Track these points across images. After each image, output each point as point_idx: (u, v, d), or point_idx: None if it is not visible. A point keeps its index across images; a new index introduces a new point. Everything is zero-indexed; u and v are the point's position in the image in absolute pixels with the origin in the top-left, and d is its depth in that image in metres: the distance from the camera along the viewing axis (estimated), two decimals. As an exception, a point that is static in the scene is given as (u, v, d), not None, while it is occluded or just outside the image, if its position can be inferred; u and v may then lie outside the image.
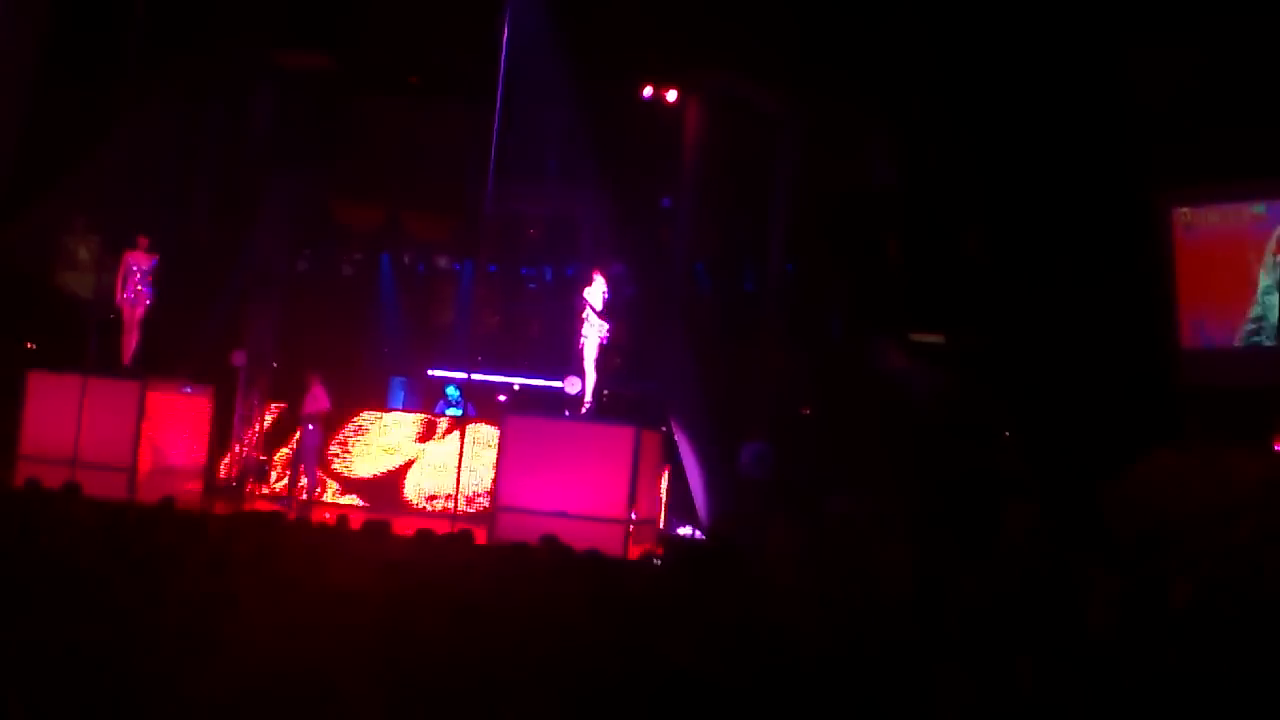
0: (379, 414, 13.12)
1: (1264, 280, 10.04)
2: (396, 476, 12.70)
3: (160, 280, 11.85)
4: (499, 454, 11.08)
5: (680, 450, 12.59)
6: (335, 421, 12.74)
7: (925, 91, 11.14)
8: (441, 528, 7.92)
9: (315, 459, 12.31)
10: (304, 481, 12.42)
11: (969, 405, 11.40)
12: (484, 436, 12.10)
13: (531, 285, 16.27)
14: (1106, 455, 10.06)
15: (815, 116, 12.79)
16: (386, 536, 6.53)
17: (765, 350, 13.47)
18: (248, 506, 10.98)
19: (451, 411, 13.07)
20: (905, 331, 12.29)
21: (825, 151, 12.81)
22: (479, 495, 12.02)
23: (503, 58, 10.71)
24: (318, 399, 12.20)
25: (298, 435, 12.50)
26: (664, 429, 12.35)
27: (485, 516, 10.92)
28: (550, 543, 7.11)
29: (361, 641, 4.39)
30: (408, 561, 6.10)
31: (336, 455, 12.79)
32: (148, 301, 11.77)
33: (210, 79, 14.05)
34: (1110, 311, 10.44)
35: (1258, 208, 10.05)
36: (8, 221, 13.17)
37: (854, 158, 12.72)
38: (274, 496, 12.61)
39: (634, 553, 10.09)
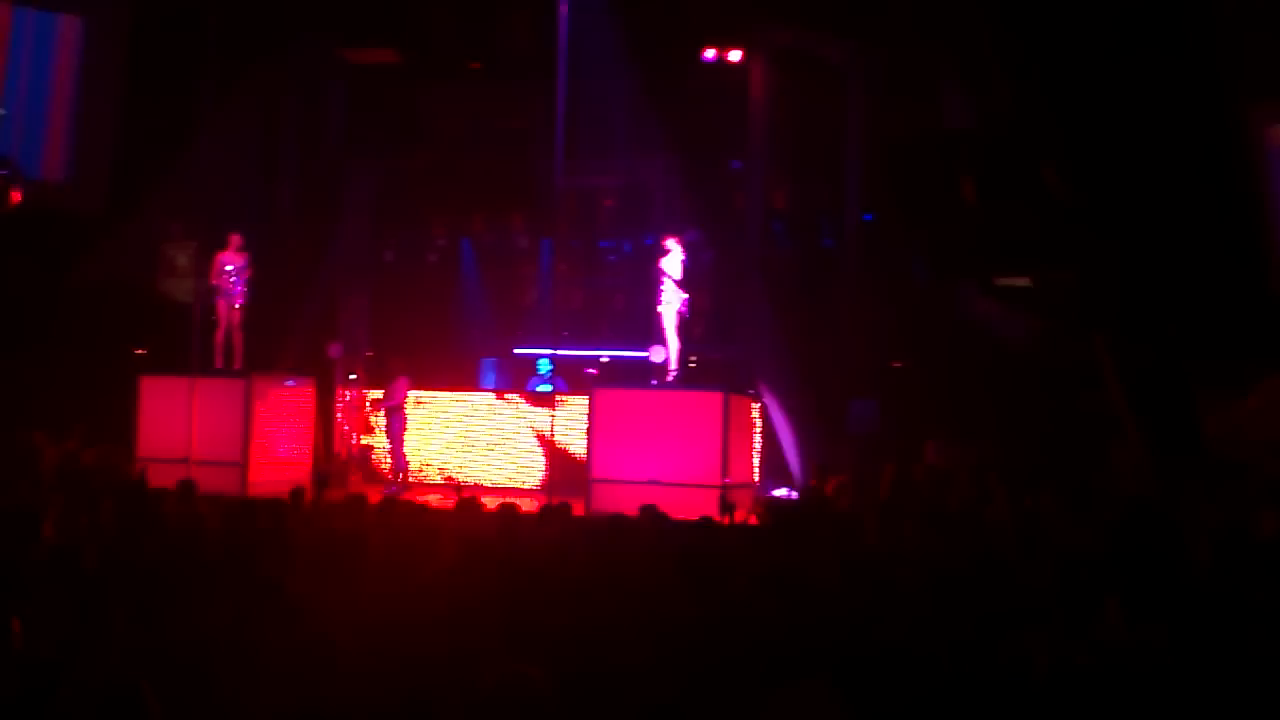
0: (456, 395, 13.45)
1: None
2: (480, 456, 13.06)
3: (254, 277, 12.24)
4: (590, 427, 11.22)
5: (771, 411, 12.58)
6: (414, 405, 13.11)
7: (993, 22, 10.76)
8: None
9: (401, 443, 12.67)
10: (393, 465, 12.84)
11: (1063, 347, 11.11)
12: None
13: (611, 258, 16.34)
14: (1213, 389, 9.73)
15: (881, 62, 12.54)
16: (479, 513, 6.70)
17: (850, 305, 13.33)
18: (352, 493, 11.31)
19: (542, 388, 13.25)
20: (990, 276, 12.02)
21: (894, 97, 12.56)
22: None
23: (562, 34, 10.75)
24: (399, 388, 12.57)
25: (385, 422, 12.89)
26: (753, 391, 12.34)
27: (580, 489, 11.07)
28: (649, 511, 7.24)
29: (471, 616, 4.55)
30: (505, 535, 6.27)
31: (424, 437, 13.19)
32: (242, 300, 12.16)
33: (284, 81, 14.44)
34: (1205, 239, 10.02)
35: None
36: (112, 235, 13.79)
37: (924, 100, 12.44)
38: (376, 481, 12.99)
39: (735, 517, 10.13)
